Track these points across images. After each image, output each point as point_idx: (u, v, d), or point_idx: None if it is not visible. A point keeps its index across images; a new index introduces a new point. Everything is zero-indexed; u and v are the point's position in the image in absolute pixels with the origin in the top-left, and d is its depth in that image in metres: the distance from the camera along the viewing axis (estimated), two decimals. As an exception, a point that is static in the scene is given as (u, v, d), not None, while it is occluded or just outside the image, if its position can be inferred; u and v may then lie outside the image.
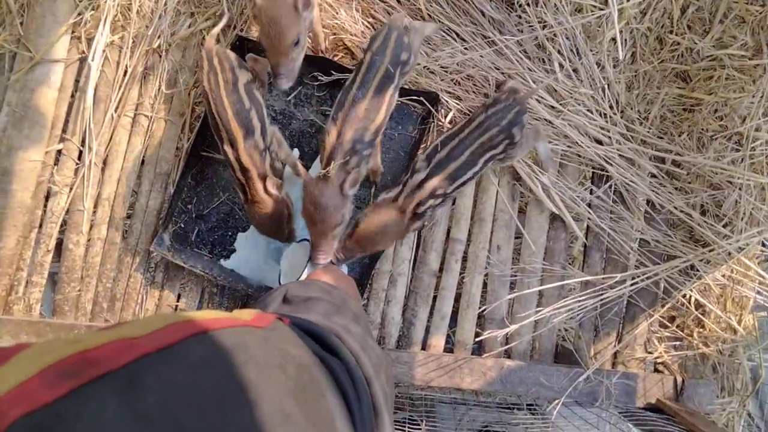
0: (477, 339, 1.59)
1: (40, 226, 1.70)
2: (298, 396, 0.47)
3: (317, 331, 0.64)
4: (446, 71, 1.68)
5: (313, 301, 0.89)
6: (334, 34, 1.77)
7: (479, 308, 1.68)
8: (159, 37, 1.77)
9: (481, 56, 1.62)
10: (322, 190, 1.35)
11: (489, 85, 1.67)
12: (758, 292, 1.60)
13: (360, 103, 1.37)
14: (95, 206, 1.72)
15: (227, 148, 1.42)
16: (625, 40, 1.63)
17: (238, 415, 0.41)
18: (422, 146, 1.70)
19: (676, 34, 1.64)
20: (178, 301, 1.71)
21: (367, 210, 1.42)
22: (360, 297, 1.37)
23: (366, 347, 0.72)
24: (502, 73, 1.64)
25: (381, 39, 1.41)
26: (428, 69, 1.70)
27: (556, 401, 1.52)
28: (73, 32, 1.77)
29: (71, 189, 1.72)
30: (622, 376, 1.57)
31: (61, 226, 1.72)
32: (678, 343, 1.66)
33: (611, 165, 1.64)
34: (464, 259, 1.71)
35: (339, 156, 1.36)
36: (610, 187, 1.67)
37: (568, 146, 1.66)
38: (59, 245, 1.72)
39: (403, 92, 1.72)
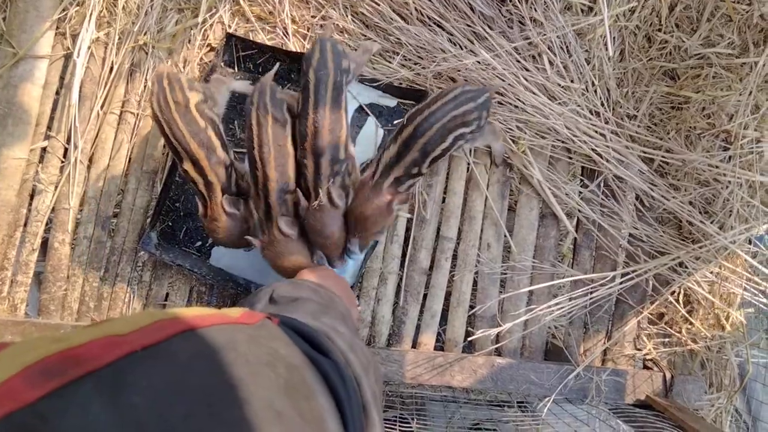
0: (469, 338, 1.59)
1: (25, 224, 1.68)
2: (290, 394, 0.47)
3: (306, 330, 0.64)
4: (438, 71, 1.68)
5: (301, 301, 0.88)
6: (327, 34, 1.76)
7: (469, 306, 1.67)
8: (145, 33, 1.75)
9: (478, 62, 1.62)
10: (323, 220, 1.37)
11: (479, 83, 1.67)
12: (745, 289, 1.61)
13: (323, 124, 1.37)
14: (81, 204, 1.70)
15: (188, 167, 1.40)
16: (614, 37, 1.64)
17: (228, 414, 0.40)
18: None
19: (665, 33, 1.64)
20: (166, 300, 1.69)
21: (353, 197, 1.42)
22: (353, 295, 1.36)
23: (354, 347, 0.71)
24: (493, 71, 1.64)
25: (318, 54, 1.41)
26: (419, 65, 1.70)
27: (547, 398, 1.52)
28: (57, 28, 1.75)
29: (57, 187, 1.70)
30: (611, 373, 1.57)
31: (47, 224, 1.70)
32: (667, 339, 1.66)
33: (602, 160, 1.64)
34: (454, 257, 1.71)
35: (324, 183, 1.38)
36: (602, 182, 1.68)
37: (561, 141, 1.66)
38: (44, 244, 1.69)
39: (395, 92, 1.72)
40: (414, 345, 1.68)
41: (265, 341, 0.53)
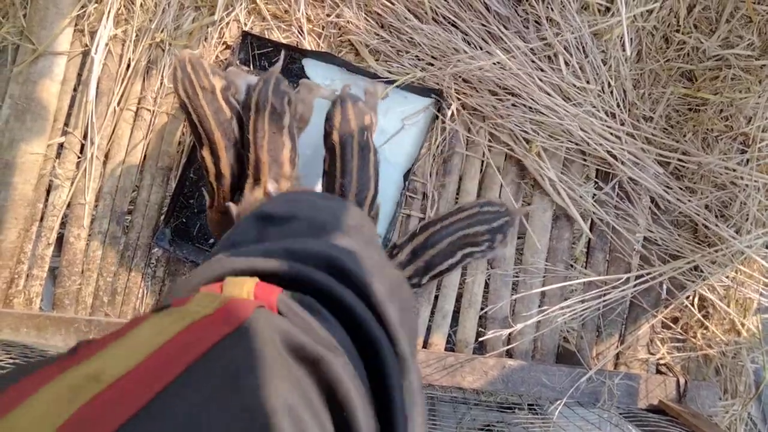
0: (480, 339, 1.58)
1: (41, 219, 1.70)
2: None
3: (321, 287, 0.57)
4: (455, 74, 1.67)
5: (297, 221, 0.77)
6: (341, 34, 1.77)
7: (481, 308, 1.66)
8: (162, 31, 1.77)
9: (496, 64, 1.61)
10: None
11: (492, 83, 1.66)
12: (762, 294, 1.59)
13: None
14: (97, 200, 1.72)
15: (206, 154, 1.42)
16: (631, 38, 1.62)
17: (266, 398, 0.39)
18: (425, 144, 1.69)
19: (683, 33, 1.62)
20: (178, 297, 1.69)
21: None
22: None
23: (389, 288, 0.63)
24: (508, 71, 1.63)
25: (339, 115, 1.44)
26: (433, 66, 1.69)
27: (558, 401, 1.51)
28: (76, 25, 1.77)
29: (73, 182, 1.71)
30: (624, 377, 1.55)
31: (62, 219, 1.72)
32: (681, 344, 1.64)
33: (617, 162, 1.62)
34: (467, 257, 1.70)
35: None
36: (616, 184, 1.66)
37: (576, 143, 1.65)
38: (60, 239, 1.71)
39: (408, 89, 1.72)
40: (425, 345, 1.67)
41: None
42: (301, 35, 1.77)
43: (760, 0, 1.55)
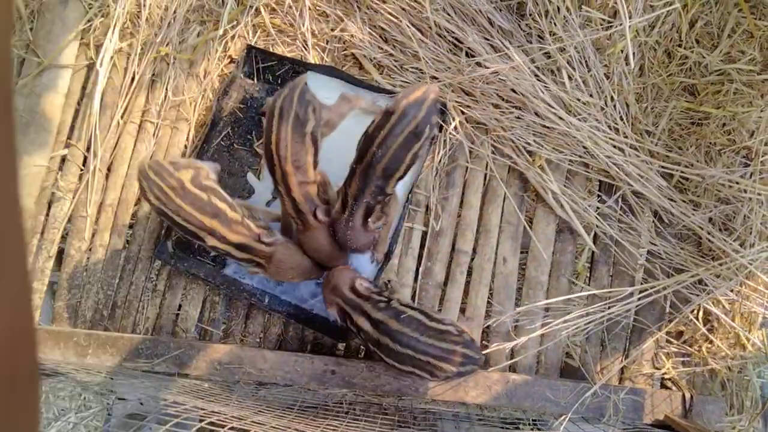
0: (483, 352, 1.57)
1: (42, 232, 1.70)
2: None
3: None
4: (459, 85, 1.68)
5: None
6: (345, 48, 1.78)
7: (484, 321, 1.65)
8: (167, 44, 1.78)
9: (501, 77, 1.62)
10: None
11: (496, 95, 1.67)
12: (767, 308, 1.58)
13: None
14: (98, 213, 1.72)
15: (213, 242, 1.43)
16: (634, 53, 1.63)
17: None
18: (429, 159, 1.69)
19: (685, 48, 1.64)
20: (179, 310, 1.69)
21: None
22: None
23: None
24: (511, 82, 1.64)
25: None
26: (436, 78, 1.70)
27: (563, 417, 1.49)
28: (81, 39, 1.78)
29: (75, 195, 1.72)
30: (629, 392, 1.53)
31: (63, 232, 1.71)
32: (686, 358, 1.63)
33: (621, 175, 1.62)
34: (469, 271, 1.69)
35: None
36: (620, 198, 1.66)
37: (579, 156, 1.65)
38: (60, 252, 1.71)
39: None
40: None
41: None
42: (305, 49, 1.78)
43: (761, 16, 1.56)
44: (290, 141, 1.40)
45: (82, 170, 1.73)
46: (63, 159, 1.74)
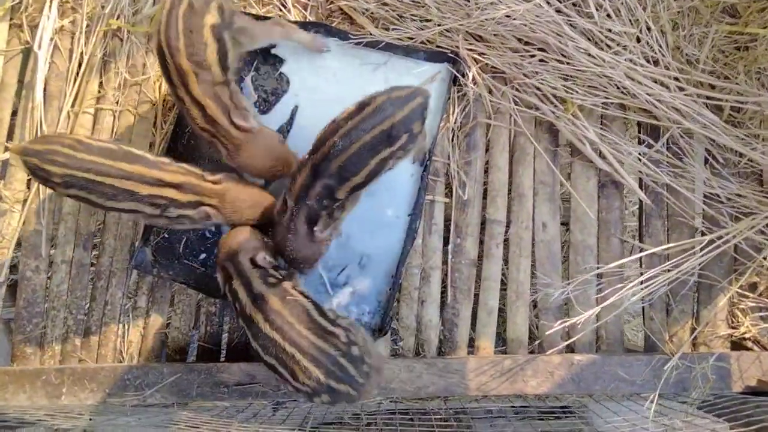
0: (544, 335, 1.34)
1: (-12, 252, 1.41)
2: None
3: None
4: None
5: None
6: (331, 1, 1.54)
7: (531, 297, 1.43)
8: (118, 17, 1.54)
9: (508, 16, 1.40)
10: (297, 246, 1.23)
11: (513, 38, 1.45)
12: None
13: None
14: (56, 223, 1.47)
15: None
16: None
17: None
18: (442, 118, 1.46)
19: (719, -37, 1.45)
20: (167, 328, 1.42)
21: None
22: None
23: None
24: (533, 26, 1.42)
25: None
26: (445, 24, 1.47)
27: (652, 395, 1.26)
28: (11, 19, 1.55)
29: (24, 205, 1.47)
30: (715, 359, 1.32)
31: (15, 251, 1.46)
32: (765, 313, 1.43)
33: (667, 114, 1.42)
34: (506, 242, 1.48)
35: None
36: (667, 140, 1.46)
37: (617, 98, 1.44)
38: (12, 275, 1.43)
39: (415, 55, 1.49)
40: (470, 351, 1.45)
41: None
42: (284, 7, 1.52)
43: None
44: (181, 29, 1.17)
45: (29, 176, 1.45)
46: (4, 164, 1.50)
